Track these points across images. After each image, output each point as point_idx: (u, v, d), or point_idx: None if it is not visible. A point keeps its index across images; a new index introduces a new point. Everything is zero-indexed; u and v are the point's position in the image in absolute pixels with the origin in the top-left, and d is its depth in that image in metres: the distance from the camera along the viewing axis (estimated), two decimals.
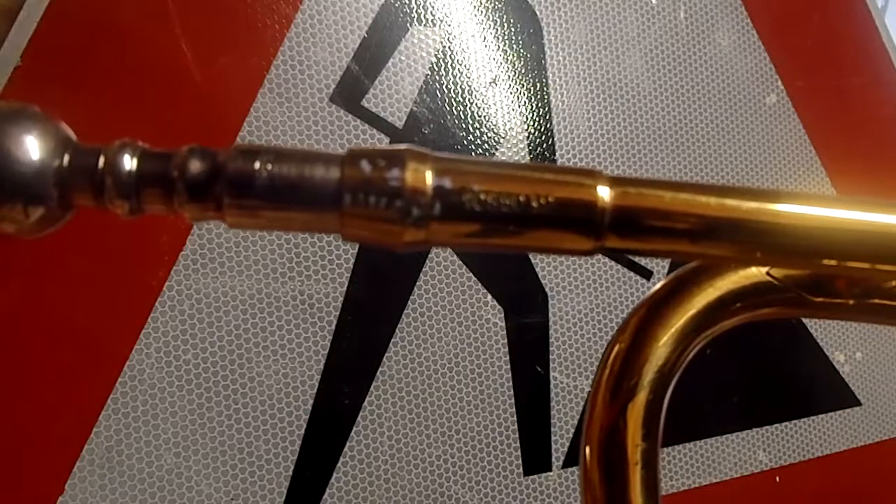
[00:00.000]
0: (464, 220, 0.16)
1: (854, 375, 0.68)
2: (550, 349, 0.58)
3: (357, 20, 0.54)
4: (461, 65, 0.56)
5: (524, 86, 0.58)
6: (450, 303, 0.56)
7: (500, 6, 0.58)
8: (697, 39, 0.64)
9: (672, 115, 0.63)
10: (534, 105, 0.59)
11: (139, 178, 0.15)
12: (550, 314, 0.58)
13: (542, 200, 0.16)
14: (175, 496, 0.48)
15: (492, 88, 0.57)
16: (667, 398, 0.22)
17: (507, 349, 0.57)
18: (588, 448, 0.22)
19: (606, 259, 0.60)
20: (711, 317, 0.23)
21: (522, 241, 0.17)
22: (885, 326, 0.24)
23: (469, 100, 0.56)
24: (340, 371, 0.53)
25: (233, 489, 0.50)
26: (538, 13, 0.59)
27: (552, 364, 0.58)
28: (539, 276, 0.58)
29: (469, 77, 0.57)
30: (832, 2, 0.69)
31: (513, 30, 0.58)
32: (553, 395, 0.58)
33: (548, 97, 0.59)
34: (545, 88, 0.59)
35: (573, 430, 0.58)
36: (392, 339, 0.54)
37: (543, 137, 0.59)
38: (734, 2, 0.65)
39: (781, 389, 0.66)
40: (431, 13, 0.56)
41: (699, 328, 0.22)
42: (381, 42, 0.54)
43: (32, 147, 0.15)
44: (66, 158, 0.15)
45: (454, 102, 0.56)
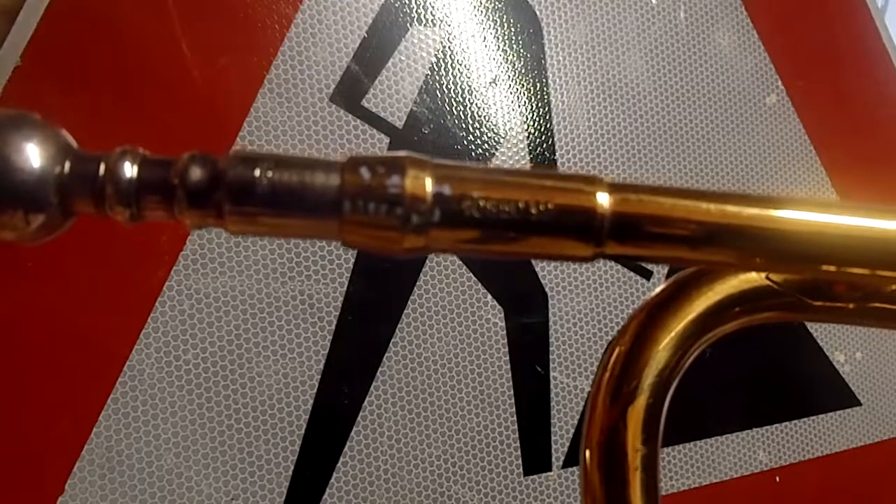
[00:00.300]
0: (463, 227, 0.16)
1: (854, 375, 0.68)
2: (550, 349, 0.58)
3: (357, 20, 0.54)
4: (461, 65, 0.56)
5: (524, 86, 0.58)
6: (450, 303, 0.56)
7: (500, 6, 0.58)
8: (697, 39, 0.64)
9: (672, 116, 0.63)
10: (534, 105, 0.58)
11: (139, 186, 0.15)
12: (550, 314, 0.58)
13: (542, 207, 0.16)
14: (175, 496, 0.49)
15: (492, 88, 0.57)
16: (667, 402, 0.22)
17: (507, 349, 0.57)
18: (588, 452, 0.22)
19: (606, 259, 0.60)
20: (711, 321, 0.23)
21: (522, 248, 0.17)
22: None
23: (469, 100, 0.56)
24: (340, 371, 0.53)
25: (233, 489, 0.50)
26: (538, 13, 0.59)
27: (552, 364, 0.58)
28: (539, 276, 0.58)
29: (469, 77, 0.56)
30: (832, 2, 0.69)
31: (513, 30, 0.58)
32: (553, 395, 0.58)
33: (548, 97, 0.59)
34: (545, 88, 0.59)
35: (573, 430, 0.58)
36: (392, 339, 0.54)
37: (543, 137, 0.59)
38: (734, 2, 0.65)
39: (781, 389, 0.66)
40: (431, 13, 0.56)
41: (699, 332, 0.22)
42: (381, 42, 0.54)
43: (33, 154, 0.15)
44: (67, 166, 0.15)
45: (454, 102, 0.56)
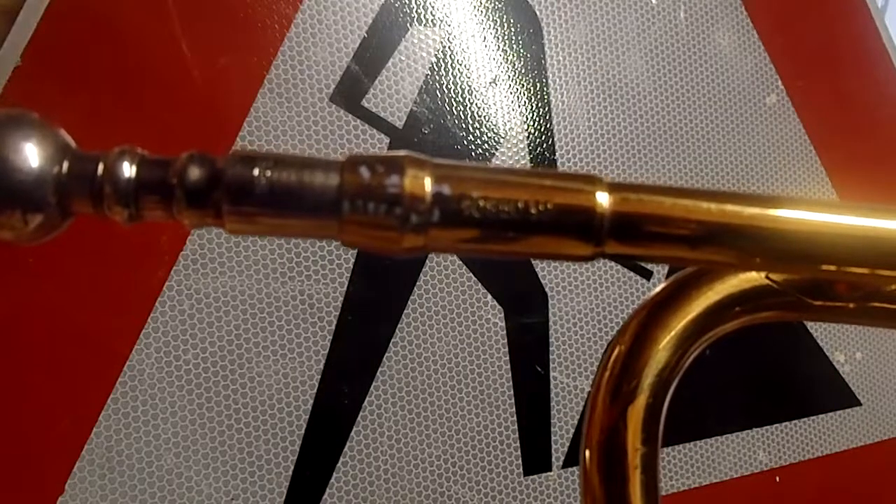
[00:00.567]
0: (463, 227, 0.16)
1: (854, 375, 0.68)
2: (550, 349, 0.58)
3: (357, 20, 0.54)
4: (461, 65, 0.56)
5: (524, 86, 0.58)
6: (450, 303, 0.55)
7: (500, 6, 0.58)
8: (697, 39, 0.64)
9: (672, 116, 0.63)
10: (534, 105, 0.58)
11: (138, 186, 0.15)
12: (550, 314, 0.58)
13: (541, 207, 0.16)
14: (175, 496, 0.49)
15: (492, 88, 0.57)
16: (667, 401, 0.22)
17: (507, 349, 0.57)
18: (588, 451, 0.22)
19: (606, 259, 0.60)
20: (711, 320, 0.23)
21: (522, 248, 0.17)
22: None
23: (469, 100, 0.56)
24: (340, 371, 0.53)
25: (233, 489, 0.50)
26: (538, 13, 0.59)
27: (552, 364, 0.58)
28: (539, 276, 0.58)
29: (469, 77, 0.56)
30: (832, 2, 0.69)
31: (513, 30, 0.58)
32: (553, 395, 0.58)
33: (548, 97, 0.59)
34: (545, 88, 0.59)
35: (573, 430, 0.58)
36: (392, 339, 0.54)
37: (543, 137, 0.59)
38: (734, 2, 0.65)
39: (781, 389, 0.66)
40: (431, 13, 0.56)
41: (699, 332, 0.22)
42: (381, 42, 0.54)
43: (31, 154, 0.15)
44: (65, 166, 0.15)
45: (454, 102, 0.56)
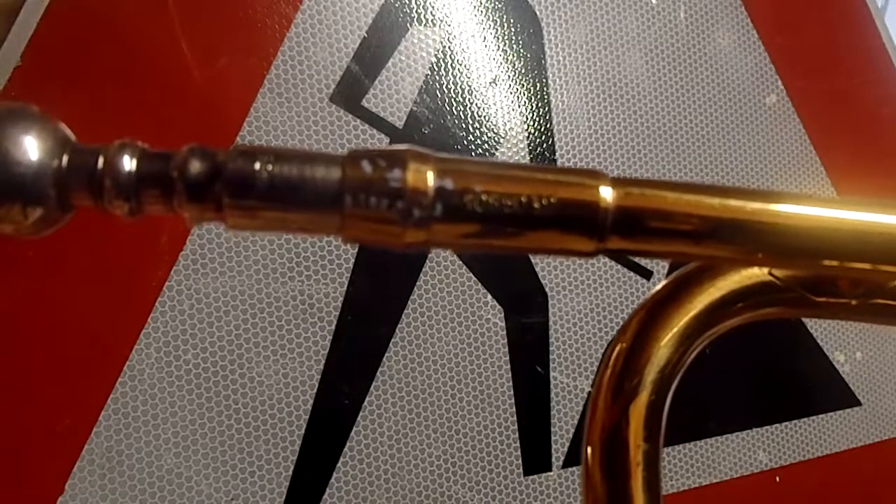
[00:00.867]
0: (465, 222, 0.16)
1: (854, 375, 0.68)
2: (550, 349, 0.58)
3: (357, 20, 0.54)
4: (461, 65, 0.56)
5: (524, 86, 0.58)
6: (450, 303, 0.55)
7: (500, 6, 0.58)
8: (697, 39, 0.64)
9: (672, 115, 0.63)
10: (534, 105, 0.58)
11: (139, 179, 0.15)
12: (550, 314, 0.58)
13: (545, 201, 0.16)
14: (175, 496, 0.48)
15: (492, 88, 0.57)
16: (669, 399, 0.22)
17: (507, 349, 0.57)
18: (590, 448, 0.22)
19: (606, 259, 0.60)
20: (713, 317, 0.22)
21: (524, 243, 0.17)
22: (886, 326, 0.24)
23: (469, 100, 0.56)
24: (340, 371, 0.53)
25: (233, 489, 0.50)
26: (538, 13, 0.59)
27: (552, 364, 0.58)
28: (539, 276, 0.58)
29: (469, 77, 0.56)
30: (832, 2, 0.69)
31: (513, 30, 0.58)
32: (553, 395, 0.58)
33: (548, 97, 0.59)
34: (545, 88, 0.59)
35: (573, 430, 0.58)
36: (392, 339, 0.54)
37: (543, 137, 0.59)
38: (734, 2, 0.65)
39: (781, 389, 0.66)
40: (431, 13, 0.55)
41: (701, 328, 0.22)
42: (381, 42, 0.54)
43: (31, 147, 0.15)
44: (65, 159, 0.15)
45: (454, 102, 0.56)
